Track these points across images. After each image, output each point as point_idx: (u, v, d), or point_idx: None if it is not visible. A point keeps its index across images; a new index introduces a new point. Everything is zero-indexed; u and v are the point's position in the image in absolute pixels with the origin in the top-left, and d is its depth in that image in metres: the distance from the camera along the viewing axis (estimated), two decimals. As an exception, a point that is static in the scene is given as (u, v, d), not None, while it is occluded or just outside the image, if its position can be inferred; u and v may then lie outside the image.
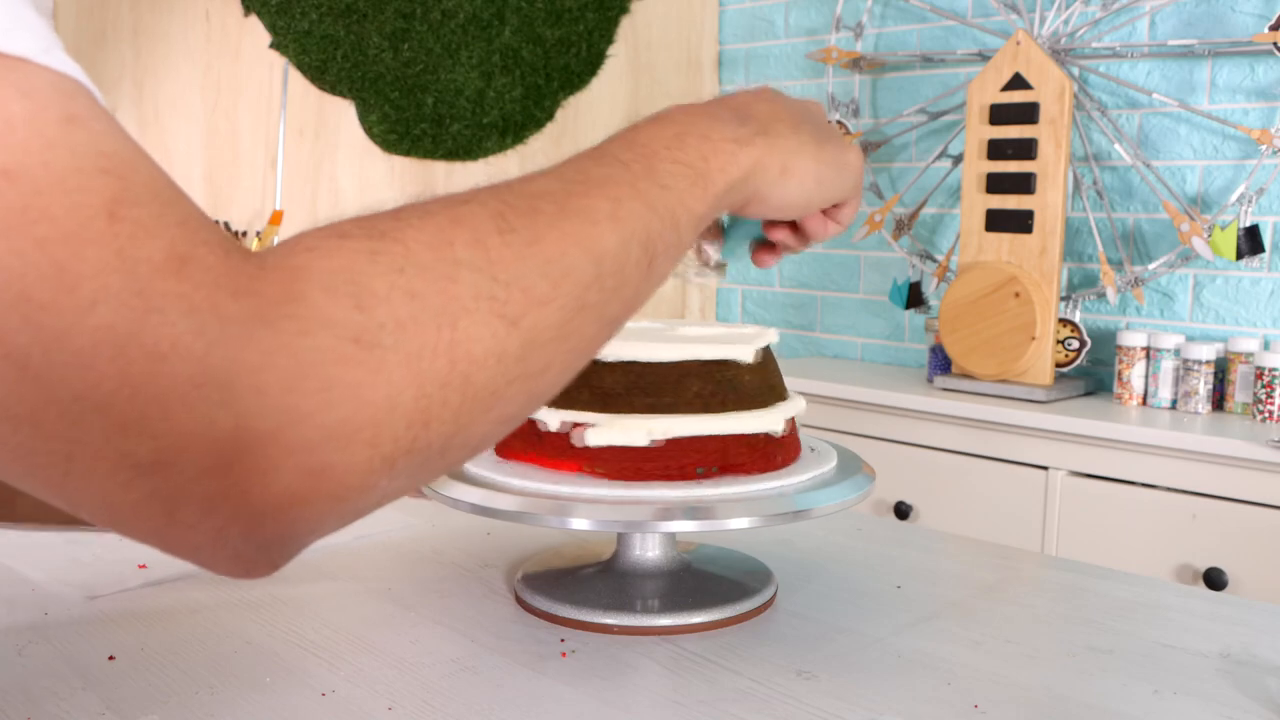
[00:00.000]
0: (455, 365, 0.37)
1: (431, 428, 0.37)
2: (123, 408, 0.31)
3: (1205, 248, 1.91)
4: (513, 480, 0.71)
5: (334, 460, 0.35)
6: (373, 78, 2.14)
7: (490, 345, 0.39)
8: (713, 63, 2.72)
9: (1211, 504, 1.69)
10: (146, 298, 0.31)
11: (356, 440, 0.35)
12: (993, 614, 0.76)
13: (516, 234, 0.41)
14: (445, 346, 0.37)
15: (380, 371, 0.35)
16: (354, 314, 0.35)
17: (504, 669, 0.66)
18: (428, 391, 0.37)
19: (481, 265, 0.39)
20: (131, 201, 0.32)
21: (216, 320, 0.32)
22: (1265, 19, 1.93)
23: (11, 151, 0.30)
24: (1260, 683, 0.66)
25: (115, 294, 0.31)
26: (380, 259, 0.37)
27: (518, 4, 2.30)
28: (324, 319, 0.35)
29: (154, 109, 1.90)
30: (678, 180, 0.49)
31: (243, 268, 0.34)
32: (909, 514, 2.03)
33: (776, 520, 0.68)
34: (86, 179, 0.31)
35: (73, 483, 0.33)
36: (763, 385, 0.76)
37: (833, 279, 2.57)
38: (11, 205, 0.30)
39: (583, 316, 0.43)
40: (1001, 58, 2.02)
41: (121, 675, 0.64)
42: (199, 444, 0.32)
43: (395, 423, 0.36)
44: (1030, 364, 1.99)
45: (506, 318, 0.39)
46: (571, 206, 0.43)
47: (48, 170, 0.31)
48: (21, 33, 0.31)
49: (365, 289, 0.36)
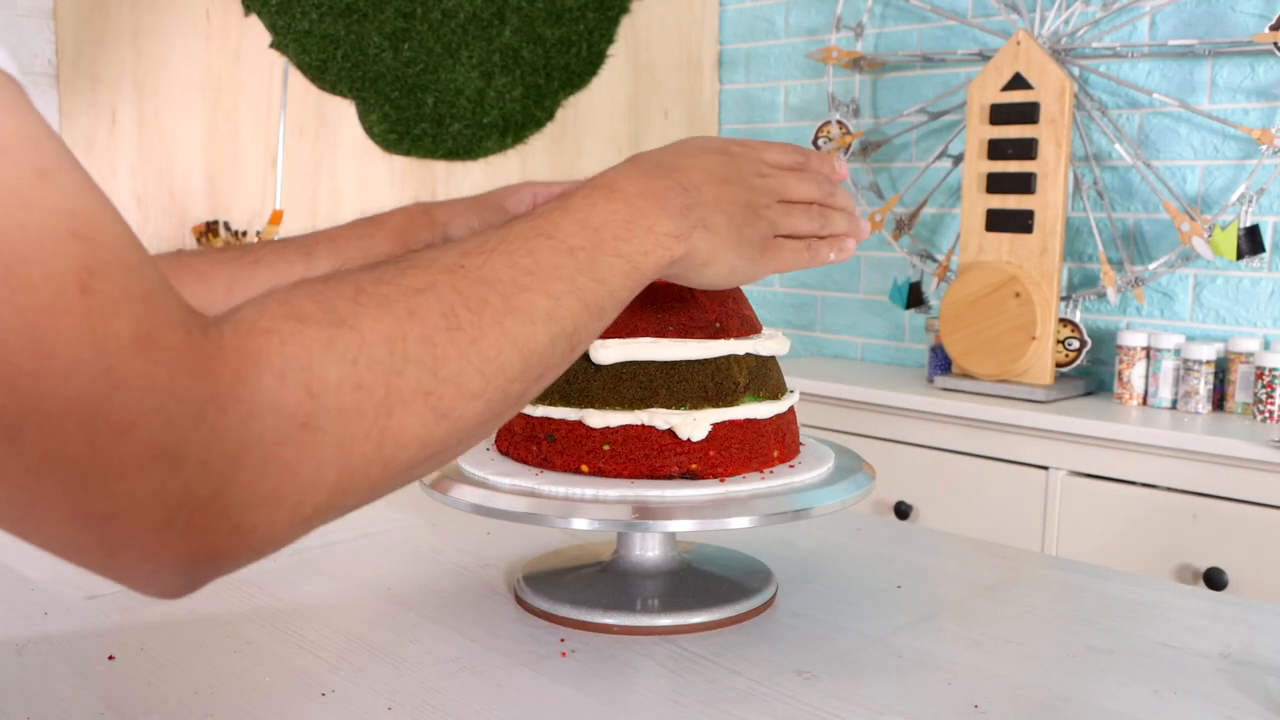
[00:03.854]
0: (383, 448, 0.41)
1: (349, 496, 0.41)
2: (85, 469, 0.34)
3: (1205, 248, 1.91)
4: (512, 480, 0.71)
5: (259, 522, 0.38)
6: (373, 77, 2.13)
7: (418, 432, 0.43)
8: (713, 63, 2.72)
9: (1211, 504, 1.69)
10: (115, 374, 0.33)
11: (282, 507, 0.39)
12: (993, 614, 0.76)
13: (462, 332, 0.45)
14: (378, 432, 0.41)
15: (315, 451, 0.39)
16: (304, 400, 0.38)
17: (504, 669, 0.66)
18: (353, 467, 0.41)
19: (427, 362, 0.43)
20: (101, 273, 0.33)
21: (175, 401, 0.35)
22: (1265, 19, 1.93)
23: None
24: (1260, 683, 0.66)
25: (86, 368, 0.33)
26: (335, 348, 0.40)
27: (518, 4, 2.30)
28: (273, 404, 0.38)
29: (154, 109, 1.90)
30: (615, 274, 0.53)
31: (202, 347, 0.36)
32: (909, 514, 2.03)
33: (776, 520, 0.68)
34: (59, 244, 0.32)
35: (30, 523, 0.36)
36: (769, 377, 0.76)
37: (833, 279, 2.57)
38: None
39: (504, 405, 0.47)
40: (1002, 58, 2.02)
41: (121, 675, 0.64)
42: (147, 504, 0.35)
43: (318, 493, 0.40)
44: (1030, 364, 1.99)
45: (438, 410, 0.43)
46: (515, 302, 0.47)
47: (24, 234, 0.32)
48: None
49: (317, 377, 0.39)
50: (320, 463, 0.39)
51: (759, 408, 0.74)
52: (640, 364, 0.72)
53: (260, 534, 0.39)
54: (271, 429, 0.38)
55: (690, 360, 0.72)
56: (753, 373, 0.75)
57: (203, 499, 0.36)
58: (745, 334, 0.76)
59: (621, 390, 0.72)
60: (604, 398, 0.72)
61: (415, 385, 0.42)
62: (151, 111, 1.90)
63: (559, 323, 0.49)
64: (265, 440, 0.37)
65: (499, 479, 0.72)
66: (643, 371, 0.72)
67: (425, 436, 0.43)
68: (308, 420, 0.38)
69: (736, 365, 0.74)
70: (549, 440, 0.73)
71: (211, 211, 1.96)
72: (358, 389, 0.40)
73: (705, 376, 0.73)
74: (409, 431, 0.42)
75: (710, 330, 0.74)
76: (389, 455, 0.42)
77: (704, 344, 0.72)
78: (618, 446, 0.71)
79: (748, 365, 0.75)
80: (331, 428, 0.39)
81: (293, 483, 0.39)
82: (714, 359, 0.73)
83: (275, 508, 0.39)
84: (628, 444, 0.71)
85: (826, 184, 0.69)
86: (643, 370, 0.72)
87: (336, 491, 0.41)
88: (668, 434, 0.71)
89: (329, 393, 0.39)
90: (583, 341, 0.52)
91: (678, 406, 0.72)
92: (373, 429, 0.41)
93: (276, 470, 0.38)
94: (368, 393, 0.40)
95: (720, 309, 0.75)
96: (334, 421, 0.39)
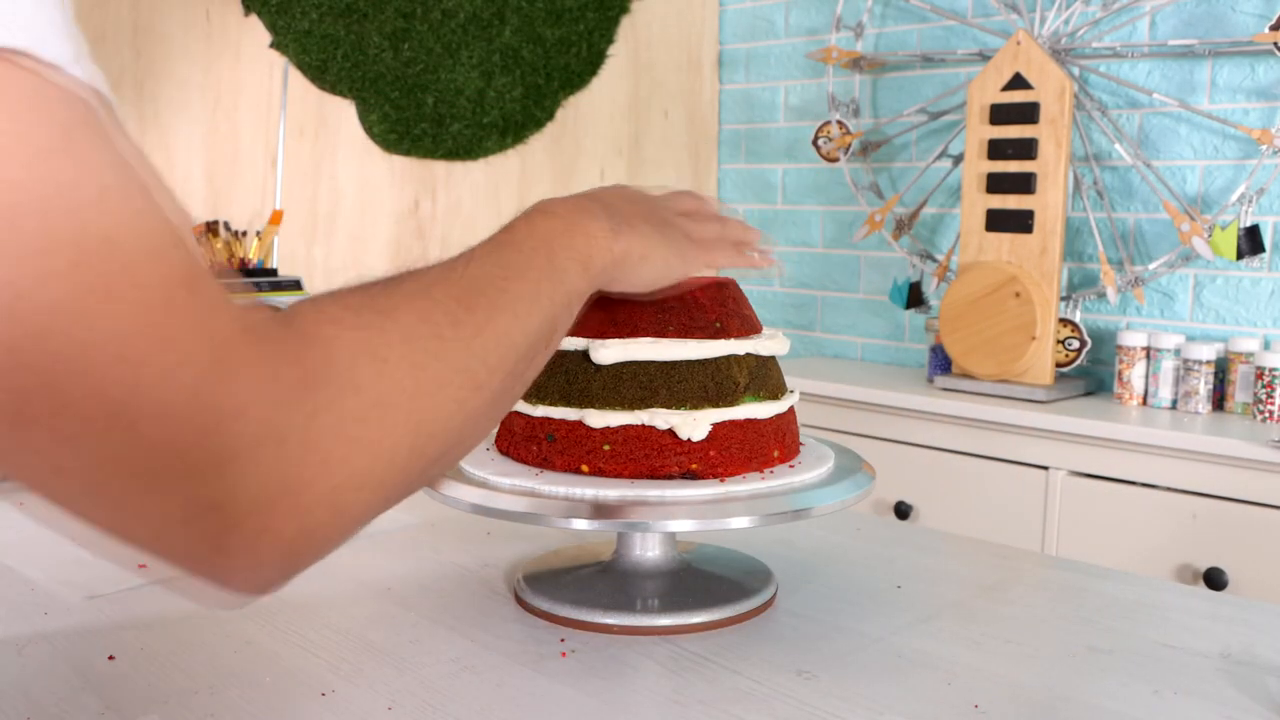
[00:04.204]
0: (437, 424, 0.46)
1: (411, 474, 0.45)
2: (197, 456, 0.36)
3: (1205, 248, 1.91)
4: (513, 480, 0.71)
5: (353, 503, 0.41)
6: (373, 77, 2.13)
7: (460, 407, 0.47)
8: (713, 63, 2.73)
9: (1211, 504, 1.69)
10: (224, 363, 0.36)
11: (368, 486, 0.42)
12: (993, 614, 0.76)
13: (465, 327, 0.49)
14: (431, 409, 0.45)
15: (391, 430, 0.42)
16: (375, 381, 0.42)
17: (504, 669, 0.66)
18: (418, 445, 0.44)
19: (444, 355, 0.48)
20: (200, 276, 0.37)
21: (278, 386, 0.38)
22: (1265, 19, 1.93)
23: (113, 217, 0.34)
24: (1260, 683, 0.66)
25: (198, 359, 0.35)
26: (388, 334, 0.44)
27: (518, 4, 2.30)
28: (354, 385, 0.41)
29: (154, 109, 1.90)
30: (571, 270, 0.59)
31: (289, 337, 0.40)
32: (909, 514, 2.03)
33: (776, 520, 0.68)
34: (166, 250, 0.35)
35: (133, 521, 0.37)
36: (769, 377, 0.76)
37: (833, 279, 2.57)
38: (114, 270, 0.33)
39: (527, 372, 0.54)
40: (1002, 58, 2.02)
41: (121, 675, 0.64)
42: (256, 488, 0.37)
43: (395, 471, 0.43)
44: (1030, 364, 1.99)
45: (473, 386, 0.48)
46: (503, 298, 0.53)
47: (139, 240, 0.34)
48: (54, 37, 0.33)
49: (380, 360, 0.43)
50: (395, 441, 0.43)
51: (759, 408, 0.74)
52: (640, 364, 0.72)
53: (353, 514, 0.42)
54: (354, 409, 0.41)
55: (690, 360, 0.72)
56: (753, 373, 0.75)
57: (306, 480, 0.39)
58: (745, 334, 0.76)
59: (622, 390, 0.72)
60: (604, 398, 0.72)
61: (451, 365, 0.47)
62: (151, 111, 1.90)
63: (542, 309, 0.55)
64: (353, 420, 0.41)
65: (499, 479, 0.72)
66: (643, 371, 0.72)
67: (465, 413, 0.48)
68: (380, 399, 0.42)
69: (737, 365, 0.74)
70: (549, 440, 0.73)
71: (212, 212, 1.96)
72: (413, 368, 0.44)
73: (705, 376, 0.73)
74: (455, 404, 0.47)
75: (711, 330, 0.74)
76: (442, 431, 0.46)
77: (704, 344, 0.72)
78: (618, 446, 0.71)
79: (748, 365, 0.75)
80: (400, 404, 0.43)
81: (376, 461, 0.42)
82: (714, 359, 0.73)
83: (364, 487, 0.41)
84: (628, 444, 0.71)
85: (716, 207, 0.80)
86: (643, 370, 0.72)
87: (409, 470, 0.44)
88: (668, 434, 0.71)
89: (392, 372, 0.43)
90: (560, 330, 0.58)
91: (678, 406, 0.72)
92: (426, 407, 0.45)
93: (363, 449, 0.41)
94: (421, 373, 0.45)
95: (721, 309, 0.75)
96: (400, 398, 0.43)
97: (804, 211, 2.61)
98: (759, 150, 2.68)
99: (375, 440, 0.42)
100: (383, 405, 0.42)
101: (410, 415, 0.44)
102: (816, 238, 2.59)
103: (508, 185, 2.37)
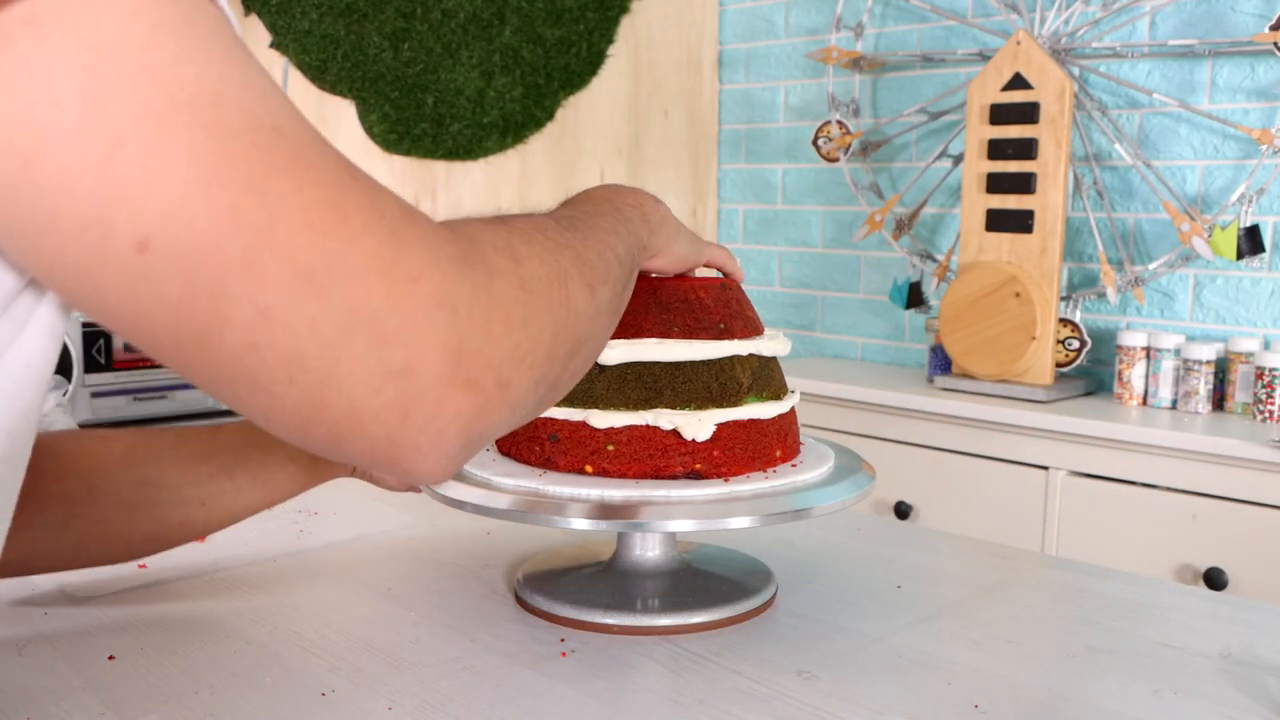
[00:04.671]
0: (569, 315, 0.49)
1: (554, 362, 0.48)
2: (385, 319, 0.39)
3: (1205, 248, 1.91)
4: (513, 480, 0.71)
5: (514, 377, 0.44)
6: (373, 77, 2.13)
7: (585, 304, 0.51)
8: (713, 63, 2.73)
9: (1211, 504, 1.69)
10: (399, 235, 0.40)
11: (525, 363, 0.45)
12: (993, 614, 0.76)
13: (575, 233, 0.54)
14: (563, 299, 0.48)
15: (536, 312, 0.46)
16: (515, 266, 0.45)
17: (504, 669, 0.66)
18: (557, 333, 0.47)
19: (572, 245, 0.52)
20: (354, 165, 0.41)
21: (446, 258, 0.41)
22: (1265, 19, 1.93)
23: (278, 112, 0.38)
24: (1260, 683, 0.66)
25: (376, 229, 0.39)
26: (515, 235, 0.48)
27: (518, 4, 2.30)
28: (500, 269, 0.44)
29: (154, 109, 1.90)
30: (633, 217, 0.64)
31: (441, 224, 0.43)
32: (909, 514, 2.03)
33: (776, 520, 0.68)
34: (323, 141, 0.40)
35: (328, 390, 0.39)
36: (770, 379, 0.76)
37: (833, 279, 2.57)
38: (287, 154, 0.37)
39: (622, 295, 0.58)
40: (1002, 58, 2.02)
41: (121, 675, 0.64)
42: (436, 354, 0.40)
43: (542, 353, 0.46)
44: (1030, 364, 1.99)
45: (589, 284, 0.52)
46: (594, 227, 0.57)
47: (301, 128, 0.39)
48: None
49: (516, 251, 0.46)
50: (540, 324, 0.46)
51: (762, 408, 0.74)
52: (645, 364, 0.72)
53: (516, 393, 0.45)
54: (502, 289, 0.44)
55: (695, 361, 0.72)
56: (756, 373, 0.75)
57: (475, 348, 0.42)
58: (748, 335, 0.76)
59: (626, 391, 0.72)
60: (608, 398, 0.72)
61: (570, 261, 0.51)
62: (151, 111, 1.90)
63: (623, 239, 0.60)
64: (504, 299, 0.44)
65: (499, 479, 0.72)
66: (647, 372, 0.72)
67: (591, 309, 0.51)
68: (523, 283, 0.45)
69: (740, 366, 0.74)
70: (552, 441, 0.73)
71: (211, 211, 1.96)
72: (541, 260, 0.48)
73: (709, 377, 0.73)
74: (579, 301, 0.50)
75: (714, 331, 0.74)
76: (572, 322, 0.49)
77: (708, 345, 0.73)
78: (622, 447, 0.71)
79: (751, 366, 0.75)
80: (539, 290, 0.46)
81: (528, 339, 0.45)
82: (718, 360, 0.73)
83: (521, 363, 0.44)
84: (632, 444, 0.71)
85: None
86: (647, 371, 0.72)
87: (554, 355, 0.47)
88: (672, 434, 0.71)
89: (526, 262, 0.46)
90: (636, 267, 0.62)
91: (682, 407, 0.72)
92: (560, 296, 0.48)
93: (517, 327, 0.44)
94: (549, 264, 0.48)
95: (724, 310, 0.75)
96: (539, 285, 0.47)
97: (804, 211, 2.61)
98: (759, 150, 2.68)
99: (525, 319, 0.45)
100: (526, 288, 0.45)
101: (549, 301, 0.47)
102: (816, 238, 2.59)
103: (508, 185, 2.37)
